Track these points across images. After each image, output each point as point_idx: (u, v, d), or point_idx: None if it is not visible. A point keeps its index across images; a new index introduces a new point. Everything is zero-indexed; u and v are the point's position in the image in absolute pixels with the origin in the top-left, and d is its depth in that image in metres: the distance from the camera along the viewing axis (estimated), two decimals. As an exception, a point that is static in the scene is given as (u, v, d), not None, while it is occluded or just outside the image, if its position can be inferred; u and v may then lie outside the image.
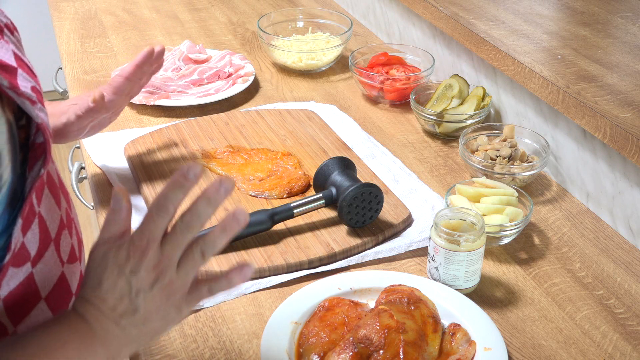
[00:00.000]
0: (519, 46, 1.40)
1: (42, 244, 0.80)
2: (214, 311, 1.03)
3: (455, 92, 1.49)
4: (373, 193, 1.14)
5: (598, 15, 1.53)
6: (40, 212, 0.80)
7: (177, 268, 0.74)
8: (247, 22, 1.99)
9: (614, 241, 1.20)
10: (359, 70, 1.57)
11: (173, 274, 0.74)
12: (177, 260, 0.74)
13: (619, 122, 1.15)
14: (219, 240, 0.74)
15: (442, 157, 1.40)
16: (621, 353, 0.98)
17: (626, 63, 1.34)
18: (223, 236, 0.74)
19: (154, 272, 0.73)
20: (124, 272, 0.73)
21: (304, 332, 0.97)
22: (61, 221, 0.85)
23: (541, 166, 1.29)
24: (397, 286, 1.00)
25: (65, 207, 0.87)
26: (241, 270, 0.76)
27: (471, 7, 1.58)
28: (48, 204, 0.82)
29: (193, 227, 0.73)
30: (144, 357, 0.96)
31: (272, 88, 1.65)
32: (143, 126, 1.48)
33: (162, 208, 0.73)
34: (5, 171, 0.70)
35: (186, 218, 0.73)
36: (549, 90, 1.28)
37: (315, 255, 1.11)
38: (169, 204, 0.73)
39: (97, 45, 1.82)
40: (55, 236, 0.83)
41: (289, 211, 1.14)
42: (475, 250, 1.03)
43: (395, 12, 1.84)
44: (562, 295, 1.08)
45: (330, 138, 1.40)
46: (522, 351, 0.98)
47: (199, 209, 0.73)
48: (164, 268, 0.73)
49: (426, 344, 0.93)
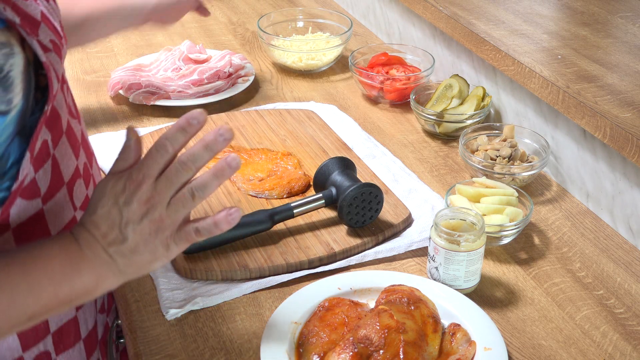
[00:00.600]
0: (519, 46, 1.40)
1: (54, 184, 0.86)
2: (214, 311, 1.03)
3: (455, 92, 1.49)
4: (373, 193, 1.14)
5: (598, 15, 1.53)
6: (54, 155, 0.86)
7: (167, 206, 0.77)
8: (247, 22, 1.99)
9: (614, 241, 1.20)
10: (359, 70, 1.57)
11: (163, 211, 0.77)
12: (168, 198, 0.77)
13: (619, 122, 1.15)
14: (209, 184, 0.78)
15: (442, 157, 1.40)
16: (621, 353, 0.98)
17: (626, 63, 1.34)
18: (214, 180, 0.78)
19: (145, 205, 0.77)
20: (118, 203, 0.77)
21: (304, 332, 0.97)
22: (77, 170, 0.92)
23: (541, 166, 1.29)
24: (397, 286, 1.00)
25: (85, 161, 0.95)
26: (229, 215, 0.79)
27: (471, 7, 1.58)
28: (64, 151, 0.89)
29: (188, 168, 0.77)
30: (144, 357, 0.96)
31: (272, 88, 1.65)
32: (143, 126, 1.48)
33: (162, 147, 0.77)
34: (16, 97, 0.76)
35: (182, 158, 0.77)
36: (549, 90, 1.28)
37: (315, 255, 1.11)
38: (169, 144, 0.77)
39: (97, 45, 1.82)
40: (68, 181, 0.89)
41: (289, 211, 1.14)
42: (475, 250, 1.03)
43: (395, 12, 1.84)
44: (562, 295, 1.08)
45: (330, 138, 1.40)
46: (522, 351, 0.98)
47: (196, 152, 0.77)
48: (155, 203, 0.77)
49: (426, 344, 0.93)
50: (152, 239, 0.78)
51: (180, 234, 0.80)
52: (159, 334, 0.99)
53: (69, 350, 1.00)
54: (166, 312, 1.02)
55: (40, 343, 0.96)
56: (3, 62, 0.75)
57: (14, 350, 0.93)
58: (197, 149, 0.77)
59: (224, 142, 0.77)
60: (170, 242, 0.79)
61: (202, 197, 0.79)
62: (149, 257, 0.79)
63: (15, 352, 0.93)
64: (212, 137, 0.77)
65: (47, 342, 0.97)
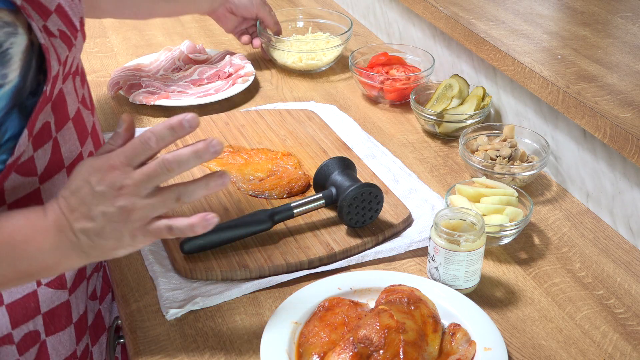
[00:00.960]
0: (519, 46, 1.40)
1: (53, 165, 0.89)
2: (214, 311, 1.03)
3: (455, 92, 1.49)
4: (373, 193, 1.14)
5: (598, 15, 1.53)
6: (56, 138, 0.89)
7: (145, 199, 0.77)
8: (247, 22, 1.99)
9: (614, 241, 1.20)
10: (359, 70, 1.57)
11: (137, 202, 0.77)
12: (144, 191, 0.77)
13: (619, 122, 1.16)
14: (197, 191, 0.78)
15: (442, 157, 1.40)
16: (621, 353, 0.98)
17: (626, 63, 1.34)
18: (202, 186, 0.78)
19: (119, 192, 0.77)
20: (90, 181, 0.77)
21: (304, 332, 0.97)
22: (79, 156, 0.94)
23: (541, 166, 1.29)
24: (397, 286, 1.00)
25: (91, 150, 0.97)
26: (205, 219, 0.79)
27: (471, 7, 1.58)
28: (69, 136, 0.92)
29: (171, 169, 0.77)
30: (144, 357, 0.96)
31: (272, 88, 1.65)
32: (143, 126, 1.48)
33: (146, 140, 0.77)
34: (12, 73, 0.79)
35: (168, 158, 0.77)
36: (549, 90, 1.28)
37: (315, 255, 1.11)
38: (154, 140, 0.77)
39: (97, 45, 1.82)
40: (69, 165, 0.92)
41: (289, 211, 1.14)
42: (475, 250, 1.03)
43: (395, 12, 1.84)
44: (562, 295, 1.08)
45: (330, 138, 1.40)
46: (522, 351, 0.98)
47: (183, 156, 0.77)
48: (129, 193, 0.77)
49: (426, 344, 0.93)
50: (120, 227, 0.78)
51: (151, 227, 0.79)
52: (159, 334, 0.99)
53: (59, 333, 1.02)
54: (166, 312, 1.02)
55: (30, 322, 0.98)
56: (4, 39, 0.78)
57: (3, 327, 0.95)
58: (185, 154, 0.77)
59: (213, 154, 0.77)
60: (138, 234, 0.79)
61: (187, 202, 0.79)
62: (113, 243, 0.79)
63: (5, 329, 0.95)
64: (202, 146, 0.77)
65: (37, 321, 0.99)
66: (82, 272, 1.06)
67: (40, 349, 1.00)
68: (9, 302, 0.95)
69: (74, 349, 1.05)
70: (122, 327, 1.04)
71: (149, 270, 1.09)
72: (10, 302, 0.96)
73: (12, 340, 0.97)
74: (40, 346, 1.00)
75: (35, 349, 1.00)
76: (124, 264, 1.11)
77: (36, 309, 0.98)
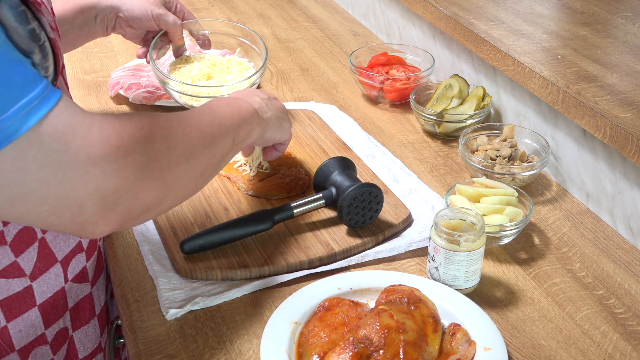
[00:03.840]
0: (519, 46, 1.40)
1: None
2: (214, 311, 1.03)
3: (455, 92, 1.49)
4: (373, 193, 1.14)
5: (598, 15, 1.53)
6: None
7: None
8: (247, 22, 1.99)
9: (614, 241, 1.20)
10: (359, 70, 1.57)
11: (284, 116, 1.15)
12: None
13: (619, 122, 1.16)
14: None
15: (442, 157, 1.40)
16: (621, 353, 0.98)
17: (626, 63, 1.34)
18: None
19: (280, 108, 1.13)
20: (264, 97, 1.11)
21: (304, 332, 0.97)
22: None
23: (541, 166, 1.29)
24: (397, 286, 1.00)
25: None
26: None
27: (471, 7, 1.58)
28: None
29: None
30: (144, 357, 0.96)
31: (272, 88, 1.65)
32: (143, 126, 1.47)
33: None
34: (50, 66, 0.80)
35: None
36: (549, 90, 1.28)
37: (315, 255, 1.11)
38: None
39: (97, 45, 1.82)
40: None
41: (289, 211, 1.14)
42: (475, 250, 1.03)
43: (395, 12, 1.84)
44: (562, 295, 1.08)
45: (330, 138, 1.40)
46: (522, 351, 0.98)
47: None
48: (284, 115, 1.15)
49: (426, 344, 0.93)
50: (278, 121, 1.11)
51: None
52: (159, 334, 0.99)
53: (84, 327, 1.06)
54: (166, 312, 1.02)
55: (60, 319, 1.01)
56: (39, 32, 0.78)
57: (37, 328, 0.98)
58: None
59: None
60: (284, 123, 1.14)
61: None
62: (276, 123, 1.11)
63: (39, 330, 0.98)
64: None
65: (65, 318, 1.02)
66: (100, 264, 1.09)
67: (69, 345, 1.04)
68: (41, 302, 0.98)
69: (98, 342, 1.09)
70: (122, 327, 1.04)
71: (149, 270, 1.09)
72: (42, 302, 0.98)
73: (46, 340, 0.99)
74: (69, 342, 1.03)
75: (65, 345, 1.02)
76: (124, 264, 1.11)
77: (64, 305, 1.01)
